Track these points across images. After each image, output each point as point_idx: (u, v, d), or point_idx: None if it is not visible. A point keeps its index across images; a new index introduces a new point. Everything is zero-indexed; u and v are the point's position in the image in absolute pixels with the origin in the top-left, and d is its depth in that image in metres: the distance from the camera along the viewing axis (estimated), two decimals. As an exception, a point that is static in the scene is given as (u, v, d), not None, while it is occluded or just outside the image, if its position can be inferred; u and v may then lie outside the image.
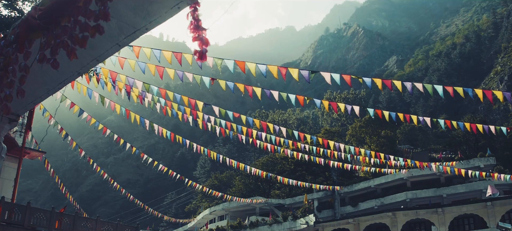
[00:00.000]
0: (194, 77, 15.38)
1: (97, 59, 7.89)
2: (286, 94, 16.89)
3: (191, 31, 5.64)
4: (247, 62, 14.19)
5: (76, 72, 8.44)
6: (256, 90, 16.40)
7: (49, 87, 9.08)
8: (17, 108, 10.15)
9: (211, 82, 15.62)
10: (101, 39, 7.02)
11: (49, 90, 9.27)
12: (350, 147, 24.29)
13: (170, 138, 22.87)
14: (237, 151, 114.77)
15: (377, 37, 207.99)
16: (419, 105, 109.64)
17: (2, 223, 20.31)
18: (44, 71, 8.08)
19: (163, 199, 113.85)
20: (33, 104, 10.28)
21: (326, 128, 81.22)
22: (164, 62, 14.39)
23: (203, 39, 5.61)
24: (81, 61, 7.85)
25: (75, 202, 32.53)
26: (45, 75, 8.44)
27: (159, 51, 13.93)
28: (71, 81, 9.54)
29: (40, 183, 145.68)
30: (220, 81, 15.98)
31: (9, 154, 25.92)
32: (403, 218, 47.12)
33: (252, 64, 14.06)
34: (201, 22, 5.70)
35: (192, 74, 15.26)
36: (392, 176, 54.47)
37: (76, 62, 7.93)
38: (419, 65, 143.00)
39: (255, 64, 14.18)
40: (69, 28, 4.88)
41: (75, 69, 8.28)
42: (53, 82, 8.84)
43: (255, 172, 32.57)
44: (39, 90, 9.22)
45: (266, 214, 62.71)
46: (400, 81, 14.96)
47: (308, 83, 15.61)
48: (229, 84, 16.20)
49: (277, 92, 16.81)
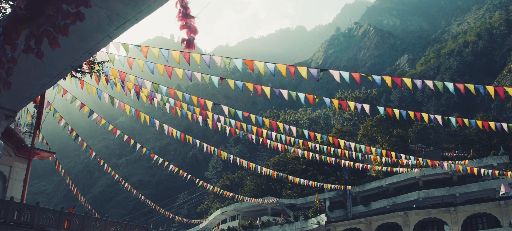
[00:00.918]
0: (203, 77, 15.36)
1: (89, 52, 7.86)
2: (296, 93, 16.83)
3: (179, 19, 5.58)
4: (255, 61, 14.15)
5: (69, 66, 8.42)
6: (265, 89, 16.35)
7: (43, 82, 9.07)
8: (13, 104, 10.17)
9: (220, 81, 15.59)
10: (92, 31, 6.99)
11: (43, 85, 9.27)
12: (361, 146, 24.16)
13: (180, 138, 22.90)
14: (249, 151, 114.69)
15: (388, 36, 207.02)
16: (431, 104, 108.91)
17: (11, 223, 20.41)
18: (37, 65, 8.08)
19: (175, 199, 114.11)
20: (29, 100, 10.27)
21: (338, 127, 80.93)
22: (173, 62, 14.38)
23: (191, 27, 5.54)
24: (73, 54, 7.83)
25: (86, 203, 32.69)
26: (38, 70, 8.43)
27: (167, 51, 13.90)
28: (65, 75, 9.48)
29: (53, 185, 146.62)
30: (229, 81, 15.95)
31: (19, 155, 26.11)
32: (415, 217, 46.82)
33: (261, 63, 14.01)
34: (189, 10, 5.63)
35: (200, 74, 15.23)
36: (404, 175, 54.13)
37: (68, 55, 7.91)
38: (431, 64, 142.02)
39: (264, 63, 14.14)
40: (52, 16, 4.84)
41: (67, 63, 8.26)
42: (47, 77, 8.83)
43: (266, 171, 32.54)
44: (33, 85, 9.23)
45: (277, 214, 62.64)
46: (410, 78, 14.83)
47: (317, 81, 15.54)
48: (238, 84, 16.16)
49: (287, 91, 16.75)
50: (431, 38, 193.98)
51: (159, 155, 34.77)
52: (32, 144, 20.91)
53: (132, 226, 24.87)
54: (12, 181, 25.51)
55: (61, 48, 7.45)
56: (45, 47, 5.11)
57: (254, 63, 14.23)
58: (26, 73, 8.49)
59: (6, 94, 9.47)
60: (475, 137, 62.56)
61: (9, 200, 21.22)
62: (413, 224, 46.65)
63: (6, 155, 25.81)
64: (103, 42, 7.42)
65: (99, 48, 7.83)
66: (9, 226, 20.30)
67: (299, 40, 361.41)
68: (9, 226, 20.33)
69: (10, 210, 20.68)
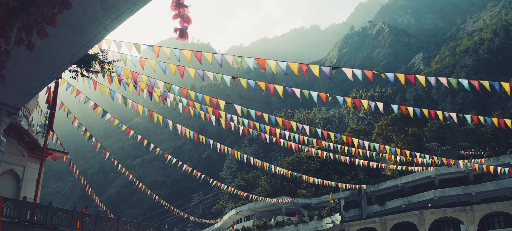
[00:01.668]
0: (215, 77, 15.35)
1: (86, 46, 7.87)
2: (308, 92, 16.74)
3: (172, 9, 5.53)
4: (267, 59, 14.10)
5: (67, 61, 8.43)
6: (278, 88, 16.30)
7: (43, 77, 9.10)
8: (15, 101, 10.22)
9: (232, 80, 15.57)
10: (87, 23, 6.99)
11: (43, 81, 9.29)
12: (375, 145, 24.01)
13: (194, 138, 22.93)
14: (263, 151, 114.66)
15: (403, 35, 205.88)
16: (447, 103, 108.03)
17: (24, 223, 20.57)
18: (35, 60, 8.10)
19: (190, 200, 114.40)
20: (31, 96, 10.31)
21: (352, 127, 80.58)
22: (186, 62, 14.36)
23: (184, 17, 5.49)
24: (71, 48, 7.84)
25: (101, 203, 32.88)
26: (38, 65, 8.46)
27: (179, 51, 13.90)
28: (64, 70, 9.48)
29: (69, 185, 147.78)
30: (241, 80, 15.91)
31: (32, 155, 26.34)
32: (430, 217, 46.47)
33: (272, 61, 13.96)
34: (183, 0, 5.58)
35: (213, 73, 15.22)
36: (419, 174, 53.72)
37: (66, 49, 7.92)
38: (446, 62, 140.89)
39: (276, 62, 14.09)
40: (41, 6, 4.83)
41: (66, 57, 8.28)
42: (46, 72, 8.85)
43: (280, 171, 32.48)
44: (33, 81, 9.27)
45: (292, 214, 62.54)
46: (423, 75, 14.69)
47: (330, 79, 15.46)
48: (251, 83, 16.12)
49: (299, 90, 16.68)
50: (446, 36, 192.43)
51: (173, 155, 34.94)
52: (45, 144, 21.05)
53: (144, 225, 24.95)
54: (26, 181, 25.72)
55: (58, 43, 7.44)
56: (41, 42, 5.10)
57: (266, 61, 14.20)
58: (26, 69, 8.53)
59: (8, 91, 9.52)
60: (491, 135, 61.80)
61: (22, 200, 21.39)
62: (429, 223, 46.30)
63: (19, 155, 26.06)
64: (100, 35, 7.42)
65: (97, 42, 7.83)
66: (22, 225, 20.46)
67: (313, 39, 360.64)
68: (22, 225, 20.48)
69: (23, 209, 20.83)
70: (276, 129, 22.28)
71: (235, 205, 75.93)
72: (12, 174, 25.96)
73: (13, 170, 25.94)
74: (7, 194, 23.87)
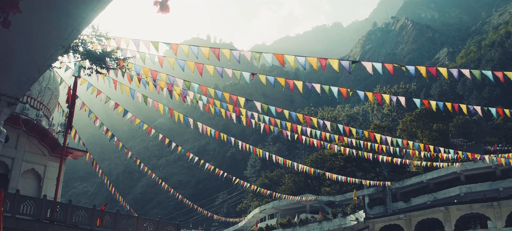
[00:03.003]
0: (234, 73, 15.31)
1: (77, 29, 7.91)
2: (328, 87, 16.61)
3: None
4: (286, 55, 14.01)
5: (60, 46, 8.46)
6: (297, 83, 16.20)
7: (39, 64, 9.15)
8: (14, 91, 10.29)
9: (251, 77, 15.51)
10: (75, 6, 6.99)
11: (39, 68, 9.33)
12: (398, 140, 23.72)
13: (215, 136, 22.95)
14: (287, 149, 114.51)
15: (427, 30, 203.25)
16: (473, 98, 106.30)
17: (44, 221, 20.80)
18: (28, 47, 8.14)
19: (215, 199, 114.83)
20: (28, 86, 10.34)
21: (376, 123, 79.88)
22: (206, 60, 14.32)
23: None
24: (61, 32, 7.87)
25: (125, 202, 33.16)
26: (31, 52, 8.50)
27: (197, 48, 13.88)
28: (58, 56, 9.48)
29: (95, 186, 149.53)
30: (260, 76, 15.86)
31: (53, 154, 26.68)
32: (456, 213, 45.77)
33: (291, 56, 13.87)
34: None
35: (231, 70, 15.19)
36: (444, 170, 52.96)
37: (56, 34, 7.94)
38: (472, 56, 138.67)
39: (294, 57, 13.99)
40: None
41: (58, 42, 8.31)
42: (41, 59, 8.89)
43: (302, 168, 32.36)
44: (29, 69, 9.34)
45: (316, 212, 62.38)
46: (445, 68, 14.45)
47: (349, 73, 15.32)
48: (270, 79, 16.05)
49: (319, 85, 16.55)
50: (471, 30, 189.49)
51: (198, 155, 35.07)
52: (64, 142, 21.28)
53: (164, 223, 25.04)
54: (47, 180, 26.07)
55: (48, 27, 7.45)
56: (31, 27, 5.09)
57: (285, 57, 14.11)
58: (21, 58, 8.58)
59: (6, 81, 9.60)
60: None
61: (42, 198, 21.64)
62: (455, 219, 45.61)
63: (40, 155, 26.44)
64: (89, 16, 7.46)
65: (86, 24, 7.84)
66: (42, 223, 20.68)
67: (336, 36, 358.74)
68: (43, 223, 20.71)
69: (43, 207, 21.07)
70: (298, 126, 22.18)
71: (259, 204, 76.03)
72: (34, 173, 26.34)
73: (34, 169, 26.33)
74: (29, 193, 24.24)
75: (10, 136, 25.54)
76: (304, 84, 16.39)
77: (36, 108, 27.52)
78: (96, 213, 22.57)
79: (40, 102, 27.88)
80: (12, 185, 24.51)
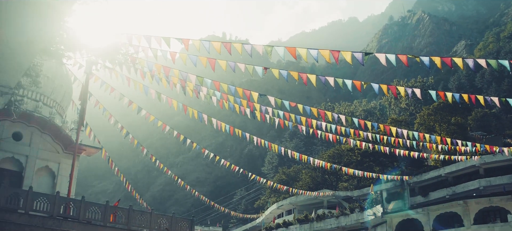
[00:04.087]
0: (247, 68, 15.26)
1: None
2: (342, 80, 16.51)
3: None
4: (298, 48, 13.92)
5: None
6: (310, 77, 16.13)
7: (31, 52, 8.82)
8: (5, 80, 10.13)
9: (264, 71, 15.45)
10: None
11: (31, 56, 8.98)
12: (414, 133, 23.52)
13: (230, 132, 22.93)
14: (304, 145, 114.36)
15: (444, 23, 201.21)
16: (492, 90, 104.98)
17: (58, 217, 20.97)
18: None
19: (233, 195, 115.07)
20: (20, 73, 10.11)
21: (393, 117, 79.32)
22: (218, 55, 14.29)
23: None
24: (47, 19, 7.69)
25: (141, 199, 33.32)
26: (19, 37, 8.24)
27: (208, 43, 13.86)
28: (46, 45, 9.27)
29: (114, 184, 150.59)
30: (273, 70, 15.80)
31: (67, 151, 26.92)
32: (475, 206, 45.27)
33: (303, 49, 13.81)
34: None
35: (244, 65, 15.13)
36: (463, 163, 52.42)
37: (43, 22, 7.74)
38: (490, 48, 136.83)
39: (307, 50, 13.91)
40: None
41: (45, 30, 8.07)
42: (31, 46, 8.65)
43: (318, 163, 32.26)
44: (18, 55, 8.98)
45: (333, 207, 62.17)
46: (460, 58, 14.27)
47: (362, 65, 15.19)
48: (283, 73, 15.98)
49: (333, 78, 16.46)
50: (489, 22, 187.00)
51: (215, 152, 35.13)
52: (76, 139, 21.44)
53: (177, 219, 25.10)
54: (61, 177, 26.34)
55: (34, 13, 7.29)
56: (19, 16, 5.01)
57: (297, 50, 14.04)
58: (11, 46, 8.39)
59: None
60: (539, 122, 59.99)
61: (55, 195, 21.80)
62: (474, 213, 45.12)
63: (54, 152, 26.72)
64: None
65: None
66: (55, 220, 20.84)
67: (352, 31, 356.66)
68: (56, 220, 20.86)
69: (56, 204, 21.23)
70: (313, 120, 22.09)
71: (277, 200, 75.98)
72: (48, 170, 26.64)
73: (48, 166, 26.61)
74: (44, 190, 24.49)
75: (23, 133, 25.86)
76: (317, 78, 16.31)
77: (49, 106, 27.79)
78: (109, 209, 22.69)
79: (53, 100, 28.16)
80: (26, 182, 24.81)
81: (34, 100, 26.78)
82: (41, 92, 27.21)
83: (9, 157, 25.36)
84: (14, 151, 25.52)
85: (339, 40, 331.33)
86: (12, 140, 25.34)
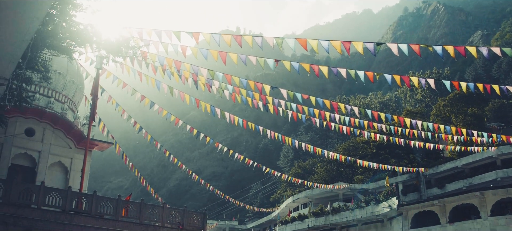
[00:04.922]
0: (258, 60, 15.21)
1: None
2: (355, 71, 16.39)
3: None
4: (308, 39, 13.84)
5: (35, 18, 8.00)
6: (322, 68, 16.03)
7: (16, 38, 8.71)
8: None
9: (275, 64, 15.38)
10: None
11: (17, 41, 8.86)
12: (429, 124, 23.32)
13: (243, 126, 22.92)
14: (320, 138, 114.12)
15: (459, 13, 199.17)
16: (509, 80, 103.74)
17: (70, 212, 21.12)
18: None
19: (249, 190, 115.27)
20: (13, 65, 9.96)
21: (409, 109, 78.74)
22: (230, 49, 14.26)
23: None
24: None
25: (156, 195, 33.47)
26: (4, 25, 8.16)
27: (219, 36, 13.82)
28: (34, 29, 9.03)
29: (130, 180, 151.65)
30: (284, 63, 15.72)
31: (79, 147, 27.13)
32: (492, 198, 44.77)
33: (314, 41, 13.72)
34: None
35: (255, 57, 15.08)
36: (480, 154, 51.90)
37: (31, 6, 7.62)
38: (507, 38, 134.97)
39: (317, 41, 13.82)
40: None
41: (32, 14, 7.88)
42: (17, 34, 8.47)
43: (333, 156, 32.16)
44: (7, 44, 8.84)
45: (349, 200, 62.02)
46: (474, 46, 14.09)
47: (374, 55, 15.05)
48: (294, 65, 15.91)
49: (345, 69, 16.34)
50: (506, 11, 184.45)
51: (230, 146, 35.21)
52: (88, 134, 21.56)
53: (190, 212, 25.10)
54: (74, 172, 26.57)
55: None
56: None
57: (308, 41, 13.95)
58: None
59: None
60: (557, 111, 59.19)
61: (67, 189, 21.97)
62: (491, 204, 44.64)
63: (66, 148, 26.96)
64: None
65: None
66: (68, 214, 21.00)
67: (366, 23, 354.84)
68: (68, 214, 21.02)
69: (68, 199, 21.39)
70: (326, 113, 21.98)
71: (293, 193, 75.97)
72: (60, 165, 26.88)
73: (61, 161, 26.85)
74: (56, 185, 24.77)
75: (36, 129, 26.12)
76: (329, 69, 16.21)
77: (61, 102, 28.03)
78: (121, 204, 22.80)
79: (65, 96, 28.41)
80: (39, 178, 25.10)
81: (45, 96, 27.07)
82: (52, 88, 27.49)
83: (22, 153, 25.65)
84: (26, 147, 25.81)
85: (354, 32, 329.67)
86: (24, 136, 25.63)
